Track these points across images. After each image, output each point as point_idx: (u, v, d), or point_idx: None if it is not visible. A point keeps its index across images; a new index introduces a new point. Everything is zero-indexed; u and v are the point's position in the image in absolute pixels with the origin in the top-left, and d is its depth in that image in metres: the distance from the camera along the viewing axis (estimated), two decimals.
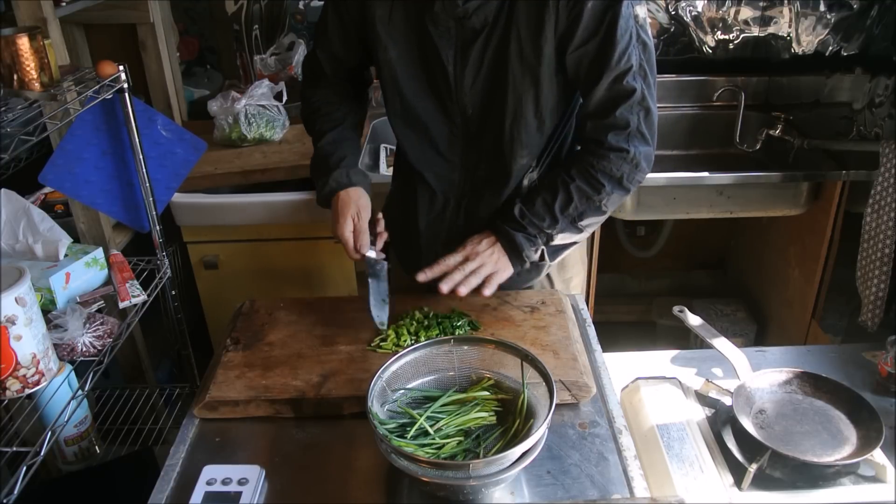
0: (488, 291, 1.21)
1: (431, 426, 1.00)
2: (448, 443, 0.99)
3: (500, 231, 1.24)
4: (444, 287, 1.19)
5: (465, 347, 1.09)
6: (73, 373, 1.31)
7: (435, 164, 1.30)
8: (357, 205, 1.25)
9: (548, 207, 1.22)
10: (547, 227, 1.22)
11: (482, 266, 1.21)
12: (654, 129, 1.20)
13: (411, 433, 0.99)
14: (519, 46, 1.13)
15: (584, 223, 1.24)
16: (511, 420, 1.02)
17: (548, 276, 1.46)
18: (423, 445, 0.98)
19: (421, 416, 1.01)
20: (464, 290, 1.20)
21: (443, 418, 1.02)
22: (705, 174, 2.01)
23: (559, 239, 1.25)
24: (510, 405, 1.04)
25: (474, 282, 1.20)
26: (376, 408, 1.00)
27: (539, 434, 0.92)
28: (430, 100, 1.23)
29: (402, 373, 1.07)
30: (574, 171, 1.21)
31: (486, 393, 1.06)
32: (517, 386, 1.04)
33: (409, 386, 1.07)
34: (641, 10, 1.13)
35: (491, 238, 1.24)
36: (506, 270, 1.24)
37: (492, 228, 1.25)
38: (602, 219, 1.28)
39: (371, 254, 1.24)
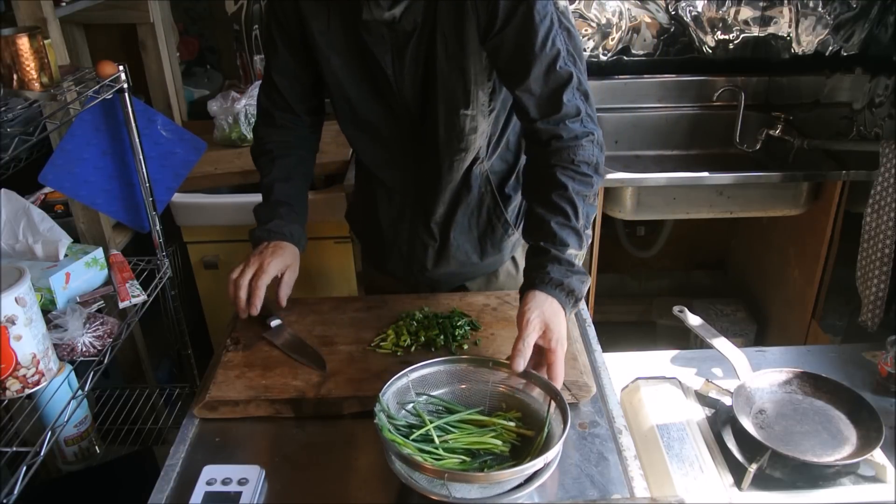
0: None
1: (439, 436, 0.99)
2: (450, 458, 0.97)
3: (551, 286, 1.08)
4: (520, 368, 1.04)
5: (503, 373, 1.06)
6: (73, 373, 1.31)
7: (390, 164, 1.32)
8: (285, 263, 1.26)
9: (569, 228, 1.12)
10: (577, 249, 1.13)
11: (562, 342, 1.06)
12: (595, 112, 1.19)
13: (414, 435, 0.98)
14: (444, 43, 1.15)
15: (588, 227, 1.17)
16: (525, 458, 0.96)
17: (513, 259, 1.47)
18: (423, 451, 0.97)
19: (432, 422, 1.00)
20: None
21: (453, 433, 1.00)
22: (705, 174, 2.01)
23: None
24: (530, 443, 0.99)
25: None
26: (389, 394, 1.00)
27: (522, 469, 0.89)
28: (376, 103, 1.25)
29: (433, 379, 1.06)
30: (560, 175, 1.13)
31: (511, 423, 1.02)
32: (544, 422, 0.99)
33: (435, 393, 1.06)
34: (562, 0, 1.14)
35: (541, 298, 1.07)
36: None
37: (534, 283, 1.08)
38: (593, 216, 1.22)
39: (276, 321, 1.27)
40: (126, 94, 1.43)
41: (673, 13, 2.38)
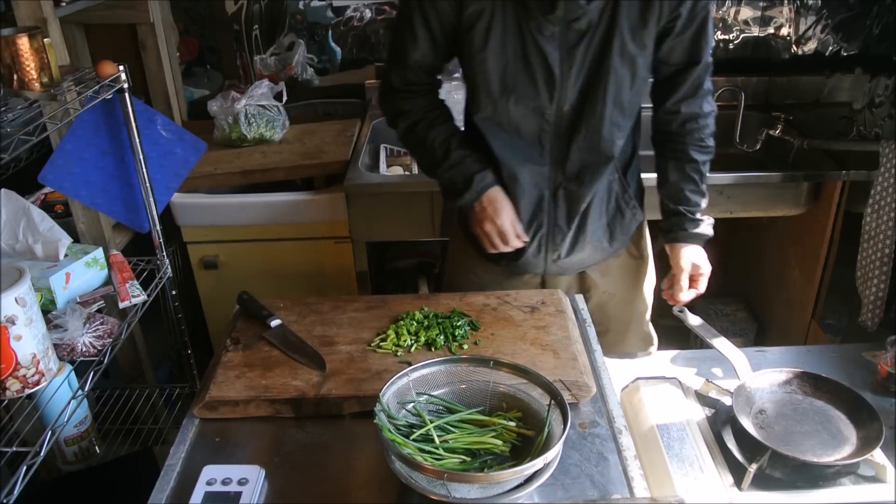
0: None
1: (439, 436, 0.99)
2: (450, 458, 0.97)
3: (691, 237, 1.43)
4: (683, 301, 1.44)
5: (503, 373, 1.06)
6: (73, 373, 1.31)
7: (527, 160, 1.35)
8: (507, 201, 1.34)
9: (698, 193, 1.41)
10: (705, 205, 1.43)
11: (706, 268, 1.44)
12: None
13: (414, 435, 0.98)
14: (621, 41, 1.23)
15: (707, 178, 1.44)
16: (525, 458, 0.97)
17: (629, 245, 1.56)
18: (423, 451, 0.97)
19: (432, 422, 1.00)
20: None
21: (454, 433, 1.01)
22: None
23: None
24: (531, 443, 1.00)
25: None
26: (389, 394, 1.00)
27: (521, 469, 0.89)
28: (523, 101, 1.28)
29: (433, 379, 1.06)
30: (692, 152, 1.39)
31: (511, 423, 1.02)
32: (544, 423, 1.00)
33: (435, 393, 1.06)
34: None
35: (686, 247, 1.43)
36: None
37: (678, 239, 1.43)
38: None
39: (276, 321, 1.30)
40: (126, 94, 1.43)
41: None
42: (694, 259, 1.43)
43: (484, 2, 1.21)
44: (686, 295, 1.44)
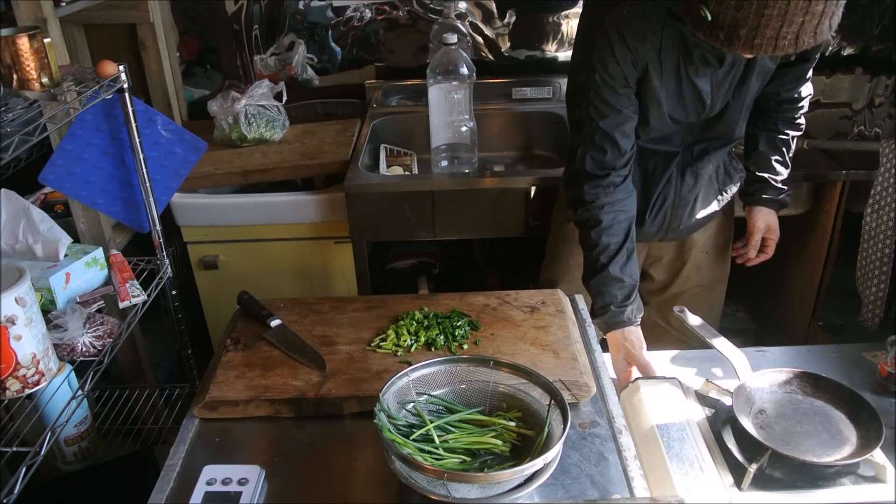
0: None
1: (439, 436, 0.99)
2: (450, 458, 0.97)
3: (771, 202, 1.60)
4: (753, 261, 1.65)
5: (503, 373, 1.07)
6: (73, 373, 1.31)
7: (662, 149, 1.47)
8: (626, 346, 1.38)
9: (783, 164, 1.58)
10: (786, 174, 1.59)
11: (776, 232, 1.63)
12: None
13: (414, 435, 0.98)
14: (763, 65, 1.36)
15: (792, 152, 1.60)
16: (525, 458, 0.97)
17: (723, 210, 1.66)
18: (423, 451, 0.97)
19: (432, 422, 1.00)
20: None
21: (454, 433, 1.01)
22: None
23: None
24: (531, 443, 1.00)
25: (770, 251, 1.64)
26: (389, 394, 1.00)
27: (522, 469, 0.90)
28: (676, 119, 1.39)
29: (433, 379, 1.06)
30: (783, 127, 1.55)
31: (511, 423, 1.03)
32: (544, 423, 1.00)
33: (435, 393, 1.06)
34: None
35: (764, 210, 1.60)
36: None
37: (758, 202, 1.61)
38: None
39: (276, 321, 1.31)
40: (126, 94, 1.43)
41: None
42: (770, 223, 1.61)
43: (651, 59, 1.28)
44: (756, 254, 1.62)
